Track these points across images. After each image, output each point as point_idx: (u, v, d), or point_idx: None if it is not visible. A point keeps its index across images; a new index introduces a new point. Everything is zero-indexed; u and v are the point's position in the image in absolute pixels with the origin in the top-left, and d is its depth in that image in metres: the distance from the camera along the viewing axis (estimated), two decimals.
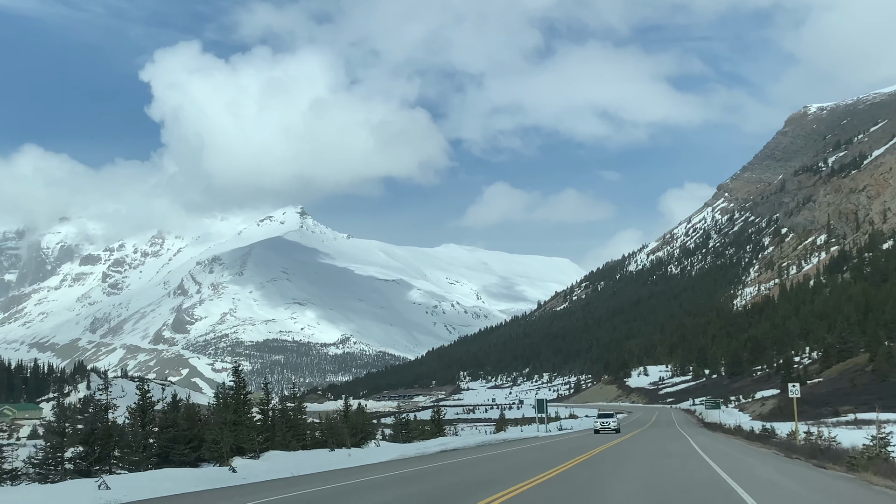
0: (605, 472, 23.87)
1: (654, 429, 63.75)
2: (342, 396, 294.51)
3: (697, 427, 69.68)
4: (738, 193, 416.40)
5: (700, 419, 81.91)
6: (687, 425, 71.85)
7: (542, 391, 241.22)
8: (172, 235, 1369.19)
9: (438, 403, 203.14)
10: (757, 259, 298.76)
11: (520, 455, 33.94)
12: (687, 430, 58.79)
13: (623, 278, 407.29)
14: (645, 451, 33.84)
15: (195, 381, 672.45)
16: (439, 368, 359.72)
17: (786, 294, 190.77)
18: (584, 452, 32.76)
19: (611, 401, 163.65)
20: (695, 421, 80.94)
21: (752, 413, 68.01)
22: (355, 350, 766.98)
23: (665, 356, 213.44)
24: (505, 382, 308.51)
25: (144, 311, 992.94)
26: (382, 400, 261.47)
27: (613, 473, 23.17)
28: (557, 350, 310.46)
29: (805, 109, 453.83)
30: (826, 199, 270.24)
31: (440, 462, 30.45)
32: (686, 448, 36.09)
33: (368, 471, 26.23)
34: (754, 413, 67.19)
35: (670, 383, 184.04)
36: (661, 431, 57.95)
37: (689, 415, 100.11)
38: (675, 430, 59.49)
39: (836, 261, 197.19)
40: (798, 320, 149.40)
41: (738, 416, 69.75)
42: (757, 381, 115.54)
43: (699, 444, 39.10)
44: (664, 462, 27.52)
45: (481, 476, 23.26)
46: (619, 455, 31.57)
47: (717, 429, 61.76)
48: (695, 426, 71.68)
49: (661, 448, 36.32)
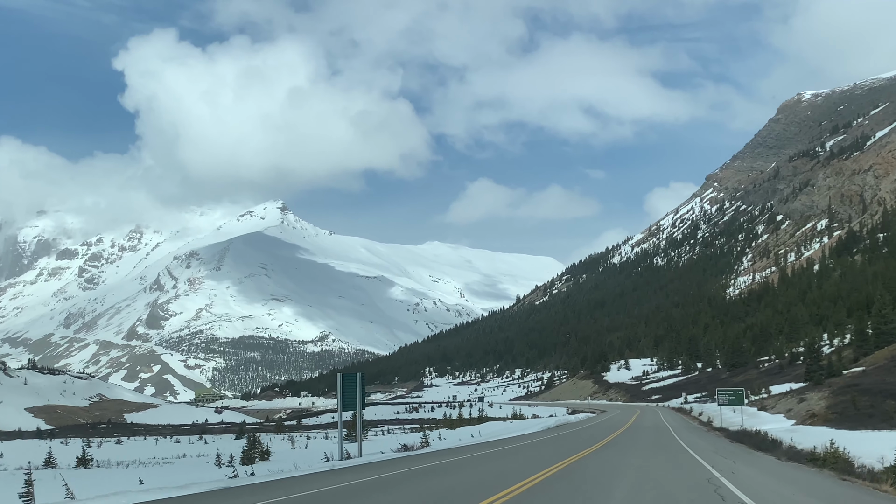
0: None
1: (631, 442, 34.91)
2: (300, 394, 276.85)
3: (714, 439, 39.29)
4: (727, 183, 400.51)
5: (705, 422, 56.36)
6: (694, 436, 41.03)
7: (511, 388, 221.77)
8: (151, 230, 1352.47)
9: (392, 401, 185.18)
10: (750, 248, 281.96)
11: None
12: (704, 453, 28.83)
13: (606, 270, 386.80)
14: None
15: (167, 378, 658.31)
16: (405, 364, 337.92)
17: (787, 280, 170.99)
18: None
19: (586, 398, 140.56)
20: (699, 425, 54.70)
21: (786, 413, 45.37)
22: (334, 348, 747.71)
23: (650, 349, 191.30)
24: (473, 379, 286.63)
25: (119, 306, 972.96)
26: (333, 398, 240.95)
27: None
28: (532, 344, 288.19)
29: (799, 96, 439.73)
30: (826, 183, 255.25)
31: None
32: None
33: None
34: (791, 413, 44.59)
35: (655, 378, 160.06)
36: (649, 451, 30.14)
37: (684, 416, 73.58)
38: (675, 449, 31.10)
39: (845, 243, 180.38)
40: (805, 306, 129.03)
41: (766, 417, 46.74)
42: (766, 374, 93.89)
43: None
44: None
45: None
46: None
47: (767, 447, 30.61)
48: (709, 437, 41.19)
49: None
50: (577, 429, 50.09)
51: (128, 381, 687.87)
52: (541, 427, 52.17)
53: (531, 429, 49.45)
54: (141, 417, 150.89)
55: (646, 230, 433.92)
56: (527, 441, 36.26)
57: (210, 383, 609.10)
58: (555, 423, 57.72)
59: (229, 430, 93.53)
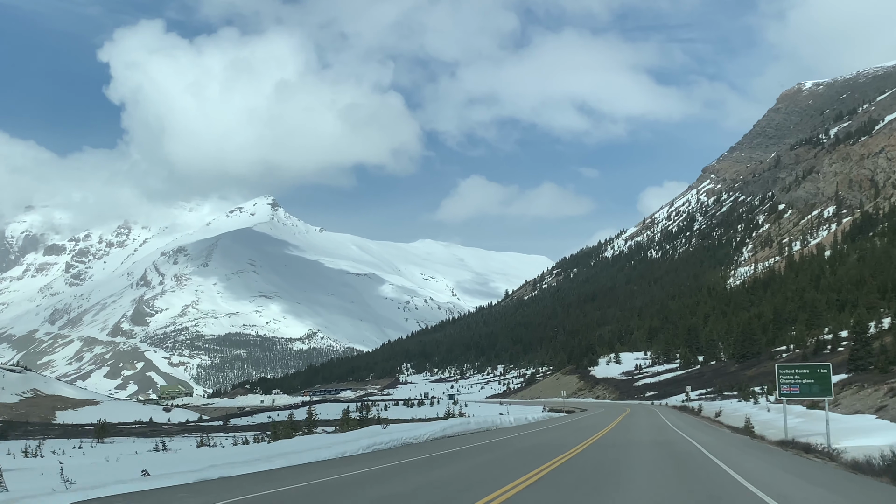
0: None
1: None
2: (272, 391, 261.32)
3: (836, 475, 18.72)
4: (725, 174, 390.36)
5: (740, 429, 35.61)
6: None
7: (490, 385, 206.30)
8: (139, 225, 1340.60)
9: (362, 398, 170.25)
10: (751, 238, 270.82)
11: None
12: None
13: (598, 264, 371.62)
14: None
15: (150, 376, 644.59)
16: (383, 360, 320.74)
17: (795, 267, 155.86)
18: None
19: (570, 395, 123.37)
20: (739, 435, 34.11)
21: (877, 412, 28.62)
22: (322, 345, 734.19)
23: (643, 342, 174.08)
24: (451, 375, 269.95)
25: (105, 302, 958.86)
26: (297, 395, 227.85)
27: None
28: (517, 339, 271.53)
29: (799, 86, 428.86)
30: (832, 169, 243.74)
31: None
32: None
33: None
34: (888, 413, 27.72)
35: (650, 372, 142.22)
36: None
37: (697, 419, 49.22)
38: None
39: (860, 226, 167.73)
40: (821, 292, 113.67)
41: (843, 421, 28.86)
42: None
43: None
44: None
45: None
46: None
47: None
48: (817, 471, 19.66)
49: None
50: (496, 439, 32.62)
51: (110, 378, 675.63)
52: (429, 434, 33.33)
53: (419, 435, 32.52)
54: (76, 416, 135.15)
55: (639, 223, 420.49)
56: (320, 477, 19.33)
57: (194, 381, 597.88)
58: (476, 428, 40.11)
59: (146, 434, 78.15)
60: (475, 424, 40.59)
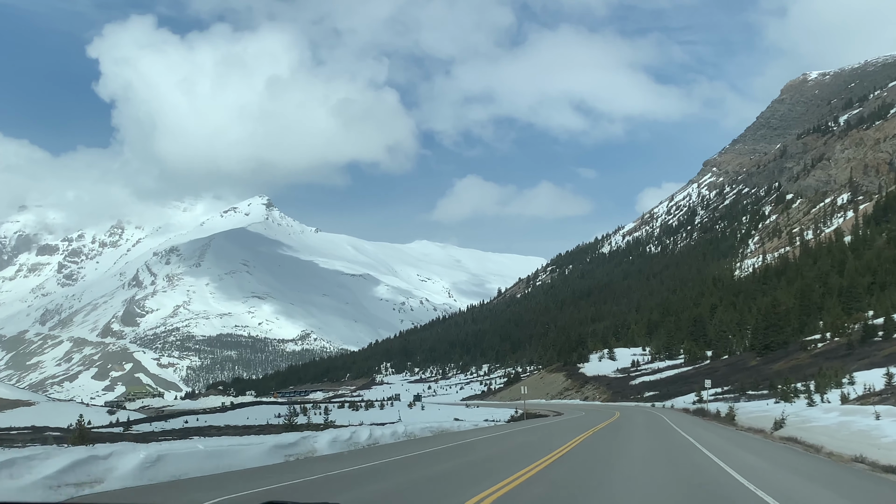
0: None
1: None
2: (246, 392, 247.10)
3: None
4: (727, 167, 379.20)
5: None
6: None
7: (472, 385, 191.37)
8: (132, 225, 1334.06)
9: (331, 400, 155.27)
10: (756, 229, 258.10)
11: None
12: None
13: (594, 260, 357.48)
14: None
15: (138, 377, 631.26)
16: (362, 360, 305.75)
17: (813, 253, 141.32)
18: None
19: (554, 396, 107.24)
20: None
21: None
22: (315, 346, 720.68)
23: (641, 337, 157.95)
24: (432, 375, 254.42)
25: (97, 302, 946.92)
26: (269, 397, 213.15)
27: None
28: (506, 337, 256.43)
29: (804, 76, 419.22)
30: (844, 156, 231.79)
31: None
32: None
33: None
34: None
35: (649, 369, 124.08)
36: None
37: (729, 429, 34.13)
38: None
39: (883, 209, 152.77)
40: (846, 277, 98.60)
41: None
42: (825, 357, 63.12)
43: None
44: None
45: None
46: None
47: None
48: None
49: None
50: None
51: (98, 379, 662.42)
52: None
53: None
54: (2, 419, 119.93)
55: (638, 219, 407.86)
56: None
57: (183, 382, 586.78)
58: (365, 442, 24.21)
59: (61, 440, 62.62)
60: (342, 442, 24.53)
